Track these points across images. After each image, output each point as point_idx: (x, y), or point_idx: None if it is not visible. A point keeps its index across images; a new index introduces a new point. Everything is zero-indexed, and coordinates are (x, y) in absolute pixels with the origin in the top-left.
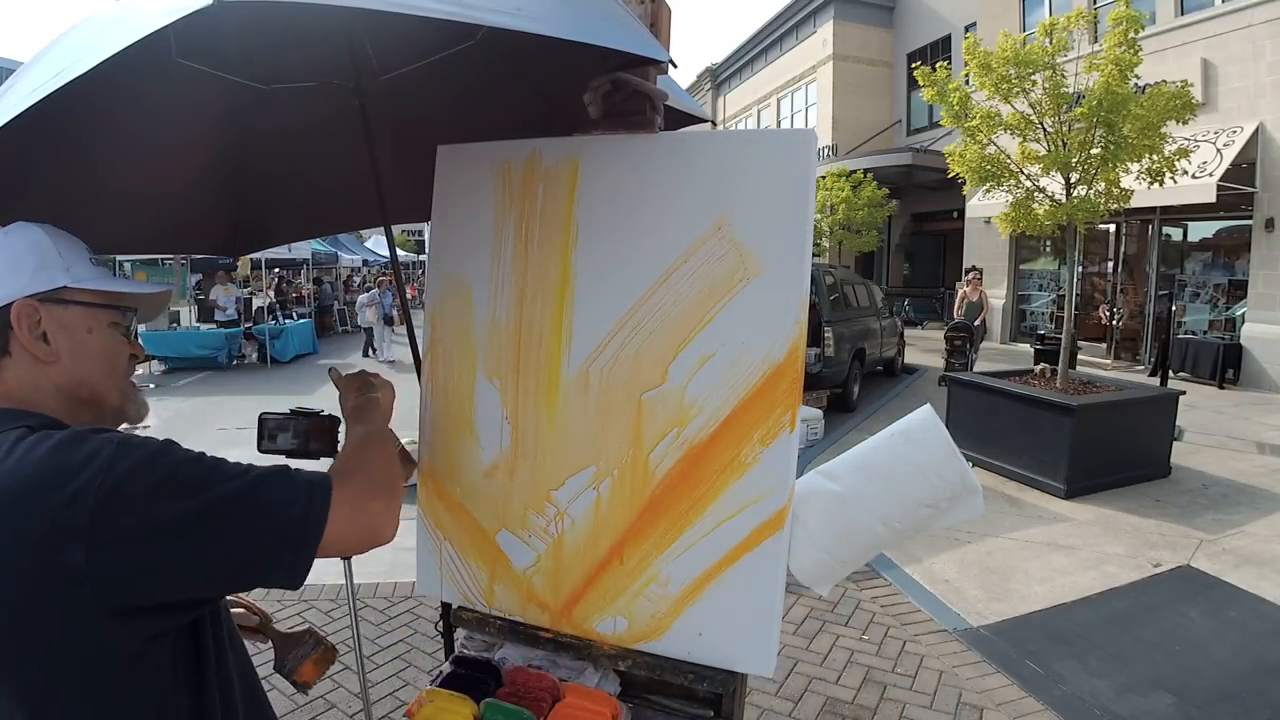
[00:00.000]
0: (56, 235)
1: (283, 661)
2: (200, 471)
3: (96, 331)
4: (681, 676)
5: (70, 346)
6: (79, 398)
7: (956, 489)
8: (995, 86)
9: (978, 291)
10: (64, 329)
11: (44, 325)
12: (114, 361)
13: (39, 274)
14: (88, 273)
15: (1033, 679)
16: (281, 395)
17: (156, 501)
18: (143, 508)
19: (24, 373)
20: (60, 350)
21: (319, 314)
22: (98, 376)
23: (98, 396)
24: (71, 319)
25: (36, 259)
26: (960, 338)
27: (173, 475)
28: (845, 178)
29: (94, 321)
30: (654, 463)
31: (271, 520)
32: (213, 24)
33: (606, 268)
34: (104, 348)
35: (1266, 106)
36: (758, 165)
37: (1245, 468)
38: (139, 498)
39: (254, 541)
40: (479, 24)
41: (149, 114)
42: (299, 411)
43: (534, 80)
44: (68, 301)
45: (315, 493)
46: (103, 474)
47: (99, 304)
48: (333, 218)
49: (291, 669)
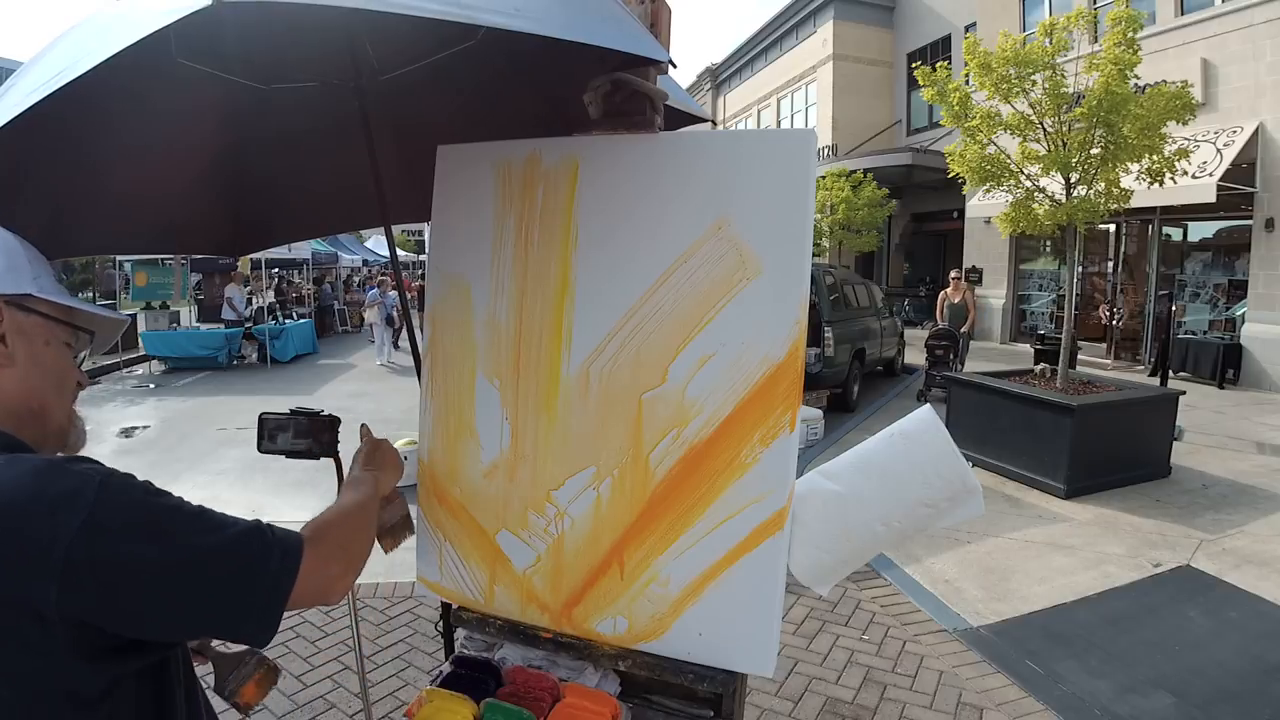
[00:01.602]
0: (25, 245)
1: (224, 683)
2: (181, 520)
3: (53, 346)
4: (681, 676)
5: (27, 354)
6: (28, 408)
7: (956, 489)
8: (995, 86)
9: (960, 293)
10: (23, 335)
11: (4, 327)
12: (63, 380)
13: (7, 276)
14: (52, 288)
15: (1033, 679)
16: (281, 395)
17: (135, 545)
18: (122, 551)
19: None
20: (17, 355)
21: (319, 314)
22: (48, 392)
23: (45, 411)
24: (31, 327)
25: (6, 261)
26: (943, 347)
27: (154, 521)
28: (845, 178)
29: (51, 335)
30: (654, 463)
31: (243, 577)
32: (213, 24)
33: (606, 268)
34: (56, 364)
35: (1266, 106)
36: (758, 165)
37: (1245, 468)
38: (119, 540)
39: (224, 595)
40: (478, 24)
41: (149, 114)
42: (299, 411)
43: (534, 80)
44: (30, 309)
45: (288, 554)
46: (85, 512)
47: (58, 319)
48: (333, 218)
49: (233, 690)
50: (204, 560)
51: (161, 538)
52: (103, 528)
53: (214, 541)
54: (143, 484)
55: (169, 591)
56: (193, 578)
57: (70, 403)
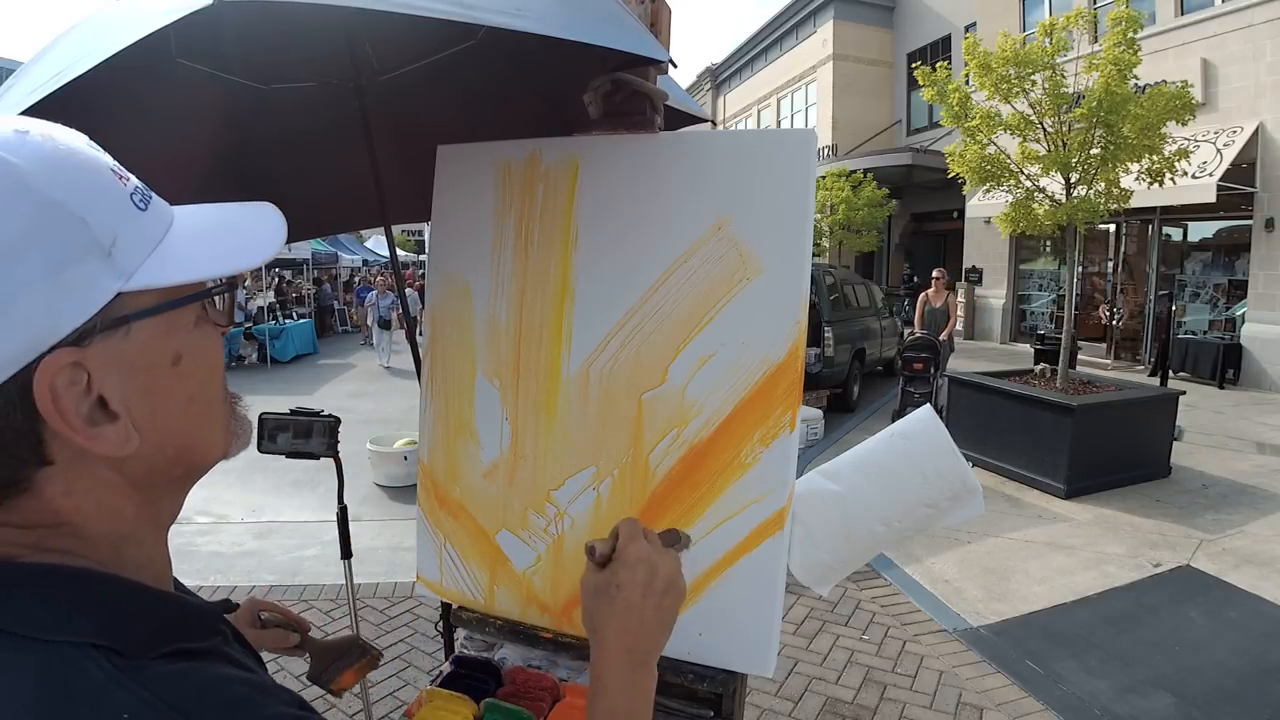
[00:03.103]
0: (65, 171)
1: (322, 670)
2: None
3: (188, 350)
4: (681, 676)
5: (149, 405)
6: (161, 477)
7: (957, 489)
8: (995, 86)
9: (942, 296)
10: (135, 376)
11: (98, 387)
12: (213, 381)
13: (61, 286)
14: (142, 231)
15: (1033, 679)
16: (281, 395)
17: None
18: None
19: (74, 481)
20: (138, 417)
21: (319, 314)
22: (199, 425)
23: (191, 456)
24: (145, 351)
25: (50, 248)
26: (921, 359)
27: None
28: (845, 178)
29: (180, 335)
30: (654, 463)
31: None
32: (213, 24)
33: (606, 268)
34: (201, 369)
35: (1266, 106)
36: (758, 165)
37: (1245, 468)
38: None
39: None
40: (480, 24)
41: (148, 114)
42: (299, 411)
43: (534, 80)
44: (130, 318)
45: None
46: None
47: (182, 299)
48: (333, 218)
49: (330, 678)
50: None
51: None
52: None
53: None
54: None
55: None
56: None
57: (225, 402)
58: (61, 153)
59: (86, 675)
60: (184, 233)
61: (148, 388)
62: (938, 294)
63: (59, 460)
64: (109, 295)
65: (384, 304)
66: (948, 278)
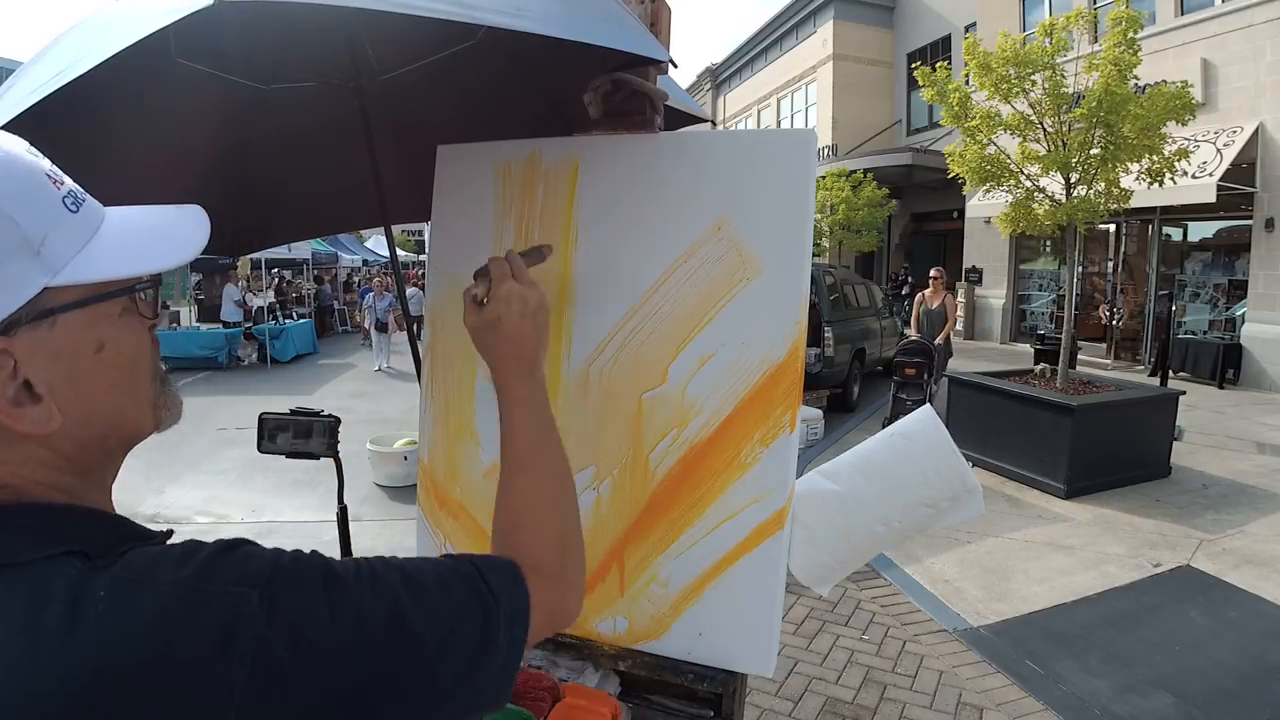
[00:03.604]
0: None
1: None
2: (386, 632)
3: (111, 339)
4: (682, 676)
5: (74, 388)
6: (93, 450)
7: (957, 489)
8: (995, 86)
9: (940, 296)
10: (59, 363)
11: (24, 372)
12: (138, 367)
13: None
14: (71, 232)
15: (1033, 679)
16: (281, 395)
17: (328, 688)
18: (307, 706)
19: (10, 456)
20: (62, 398)
21: (319, 314)
22: (123, 405)
23: (119, 431)
24: (69, 341)
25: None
26: (915, 364)
27: (348, 651)
28: (845, 178)
29: (104, 325)
30: (654, 463)
31: (469, 684)
32: (212, 24)
33: (606, 268)
34: (124, 356)
35: (1266, 106)
36: (758, 165)
37: (1245, 468)
38: (300, 690)
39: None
40: (480, 24)
41: (148, 114)
42: (299, 411)
43: (534, 80)
44: (55, 311)
45: (515, 632)
46: (250, 656)
47: (106, 294)
48: (333, 218)
49: None
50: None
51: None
52: (287, 676)
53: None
54: (321, 570)
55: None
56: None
57: (156, 381)
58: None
59: (63, 574)
60: (113, 233)
61: (72, 373)
62: (935, 294)
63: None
64: (36, 290)
65: (381, 306)
66: (946, 278)
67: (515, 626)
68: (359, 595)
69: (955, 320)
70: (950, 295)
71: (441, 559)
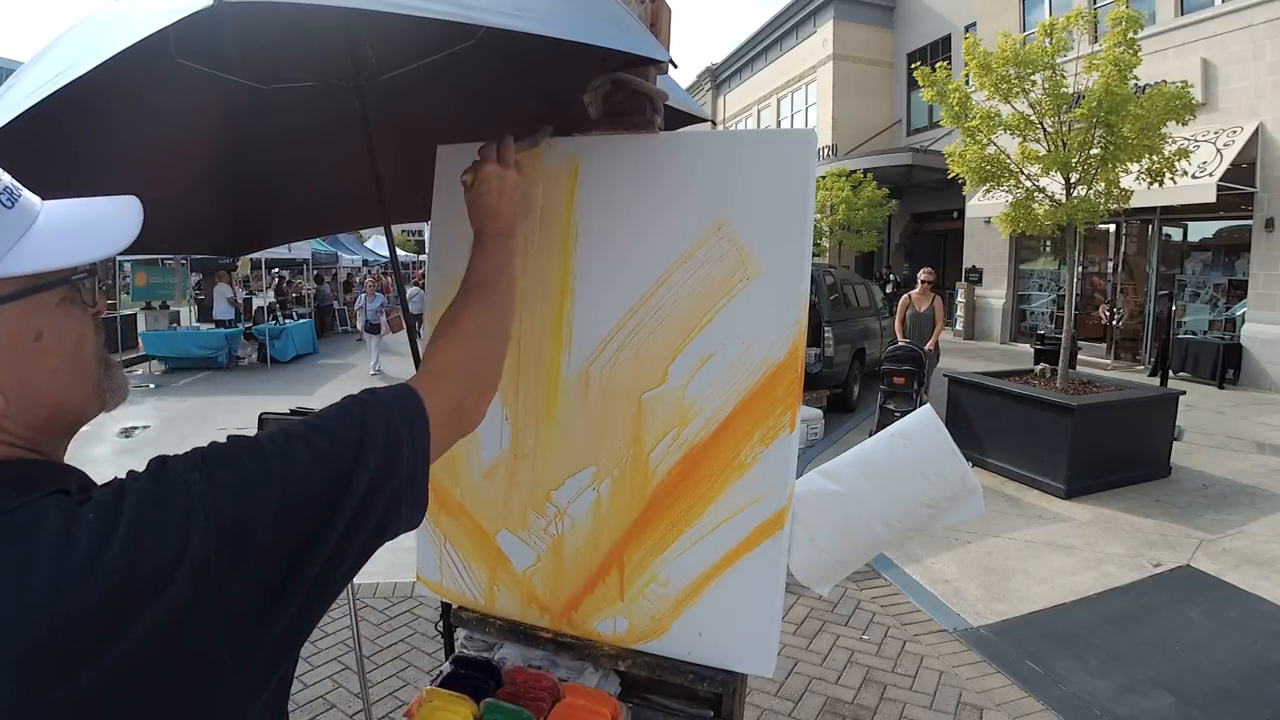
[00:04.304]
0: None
1: None
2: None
3: (49, 328)
4: (681, 676)
5: (16, 375)
6: (40, 432)
7: (956, 489)
8: (995, 86)
9: (928, 299)
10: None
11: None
12: (81, 352)
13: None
14: (4, 228)
15: (1033, 679)
16: (281, 395)
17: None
18: (271, 541)
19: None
20: (5, 384)
21: (319, 314)
22: (67, 390)
23: (65, 414)
24: (7, 330)
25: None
26: (904, 373)
27: (286, 490)
28: (845, 178)
29: (41, 315)
30: (654, 463)
31: (389, 487)
32: (212, 24)
33: (606, 268)
34: (64, 343)
35: (1266, 106)
36: (758, 165)
37: (1245, 468)
38: (261, 532)
39: (381, 511)
40: (480, 25)
41: (147, 114)
42: (299, 411)
43: (534, 80)
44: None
45: (415, 435)
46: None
47: (41, 285)
48: (333, 218)
49: None
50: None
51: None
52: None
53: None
54: (243, 444)
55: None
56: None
57: (98, 366)
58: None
59: (55, 507)
60: (49, 226)
61: (13, 361)
62: (923, 297)
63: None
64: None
65: (372, 307)
66: (934, 279)
67: (415, 423)
68: (276, 448)
69: (943, 325)
70: (940, 298)
71: (339, 401)
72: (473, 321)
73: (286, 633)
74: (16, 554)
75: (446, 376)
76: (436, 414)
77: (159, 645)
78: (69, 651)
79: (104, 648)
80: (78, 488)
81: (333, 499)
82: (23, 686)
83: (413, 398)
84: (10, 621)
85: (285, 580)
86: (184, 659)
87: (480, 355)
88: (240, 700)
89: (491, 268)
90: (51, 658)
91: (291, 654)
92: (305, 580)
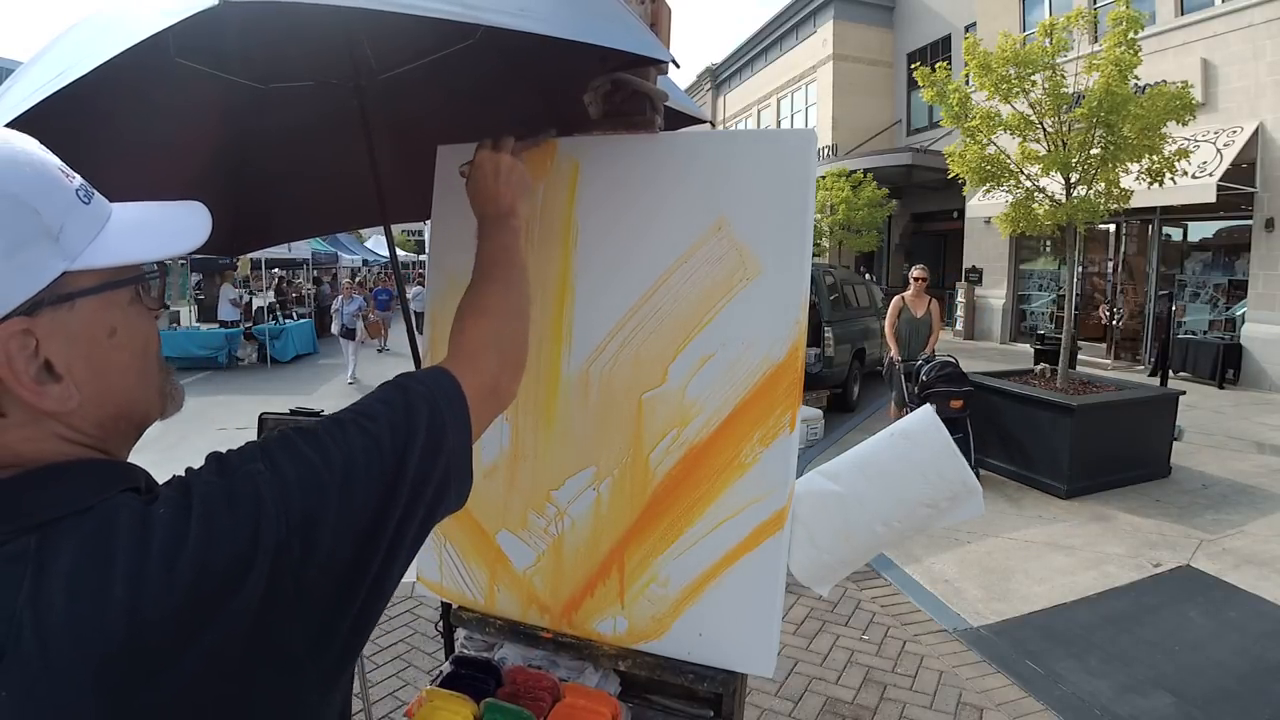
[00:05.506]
0: (20, 169)
1: None
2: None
3: (122, 325)
4: (682, 676)
5: (90, 369)
6: (109, 430)
7: (956, 489)
8: (995, 87)
9: (924, 302)
10: (77, 344)
11: (45, 351)
12: (147, 353)
13: (16, 265)
14: (85, 221)
15: (1033, 679)
16: (281, 395)
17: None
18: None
19: (30, 432)
20: (80, 378)
21: (319, 314)
22: (134, 389)
23: (131, 414)
24: (85, 324)
25: (8, 234)
26: (962, 394)
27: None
28: (845, 178)
29: (115, 312)
30: (654, 463)
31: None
32: (211, 24)
33: (606, 268)
34: (134, 341)
35: (1266, 106)
36: (758, 165)
37: (1245, 468)
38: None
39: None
40: (483, 24)
41: (147, 114)
42: (299, 411)
43: (534, 80)
44: (74, 295)
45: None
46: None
47: (119, 281)
48: (332, 217)
49: None
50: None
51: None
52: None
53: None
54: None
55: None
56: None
57: (161, 369)
58: (18, 154)
59: (127, 505)
60: (121, 225)
61: (88, 355)
62: (918, 299)
63: (11, 415)
64: (55, 274)
65: (349, 310)
66: (929, 277)
67: (454, 405)
68: (333, 436)
69: (940, 331)
70: (936, 301)
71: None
72: (493, 301)
73: (356, 622)
74: (93, 555)
75: (477, 355)
76: (473, 393)
77: (240, 641)
78: (151, 654)
79: (186, 646)
80: (150, 484)
81: (391, 482)
82: (103, 694)
83: (448, 378)
84: (89, 626)
85: (354, 566)
86: (264, 652)
87: (505, 333)
88: (314, 696)
89: (500, 249)
90: (134, 661)
91: (360, 645)
92: (372, 565)
